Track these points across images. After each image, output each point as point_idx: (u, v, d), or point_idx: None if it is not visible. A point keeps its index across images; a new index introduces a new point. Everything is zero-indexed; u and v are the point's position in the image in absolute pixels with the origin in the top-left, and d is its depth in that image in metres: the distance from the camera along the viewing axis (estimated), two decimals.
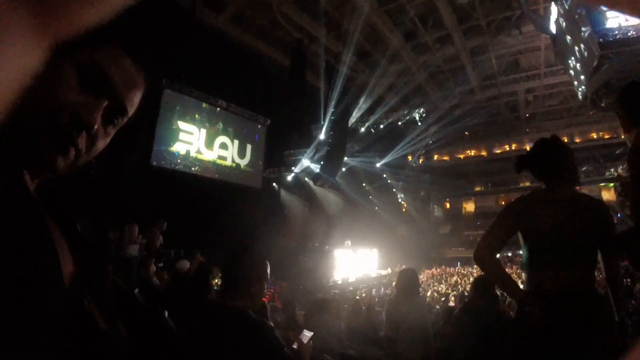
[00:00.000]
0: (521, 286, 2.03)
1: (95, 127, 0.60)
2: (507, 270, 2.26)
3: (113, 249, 5.74)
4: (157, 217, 7.14)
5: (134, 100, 0.67)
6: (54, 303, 0.49)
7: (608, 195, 24.79)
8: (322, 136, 16.87)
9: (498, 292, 3.72)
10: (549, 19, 14.45)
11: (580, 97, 17.14)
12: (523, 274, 2.18)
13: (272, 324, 1.79)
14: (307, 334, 2.86)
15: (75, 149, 0.58)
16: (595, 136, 28.81)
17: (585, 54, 12.85)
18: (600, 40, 12.13)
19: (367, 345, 5.27)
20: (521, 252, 2.05)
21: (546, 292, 1.83)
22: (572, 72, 15.69)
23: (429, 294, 12.73)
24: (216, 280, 5.82)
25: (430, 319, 4.06)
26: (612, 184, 24.63)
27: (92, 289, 0.59)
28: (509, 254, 21.01)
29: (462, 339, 3.32)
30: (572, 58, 14.36)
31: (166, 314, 0.91)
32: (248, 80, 13.92)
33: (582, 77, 14.20)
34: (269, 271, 1.82)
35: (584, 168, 26.24)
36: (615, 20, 12.21)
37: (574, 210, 1.90)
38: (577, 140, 27.94)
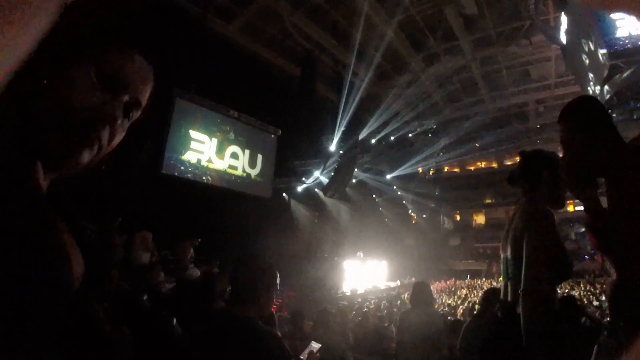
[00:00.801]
0: None
1: (119, 121, 0.64)
2: None
3: (121, 254, 5.79)
4: (182, 235, 7.23)
5: (146, 94, 0.71)
6: (61, 304, 0.50)
7: None
8: (332, 148, 16.87)
9: None
10: (559, 29, 14.35)
11: None
12: None
13: (279, 333, 1.78)
14: (315, 346, 2.85)
15: (99, 142, 0.62)
16: None
17: (596, 64, 12.74)
18: (611, 50, 12.02)
19: (374, 356, 5.23)
20: None
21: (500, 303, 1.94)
22: (584, 82, 15.54)
23: (436, 306, 12.59)
24: (225, 288, 5.82)
25: (443, 330, 4.04)
26: None
27: (98, 292, 0.61)
28: None
29: (471, 350, 3.28)
30: (583, 69, 14.24)
31: (174, 321, 0.91)
32: (259, 89, 13.99)
33: (596, 87, 14.05)
34: (278, 281, 1.79)
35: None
36: (625, 29, 12.09)
37: (516, 225, 1.85)
38: None
